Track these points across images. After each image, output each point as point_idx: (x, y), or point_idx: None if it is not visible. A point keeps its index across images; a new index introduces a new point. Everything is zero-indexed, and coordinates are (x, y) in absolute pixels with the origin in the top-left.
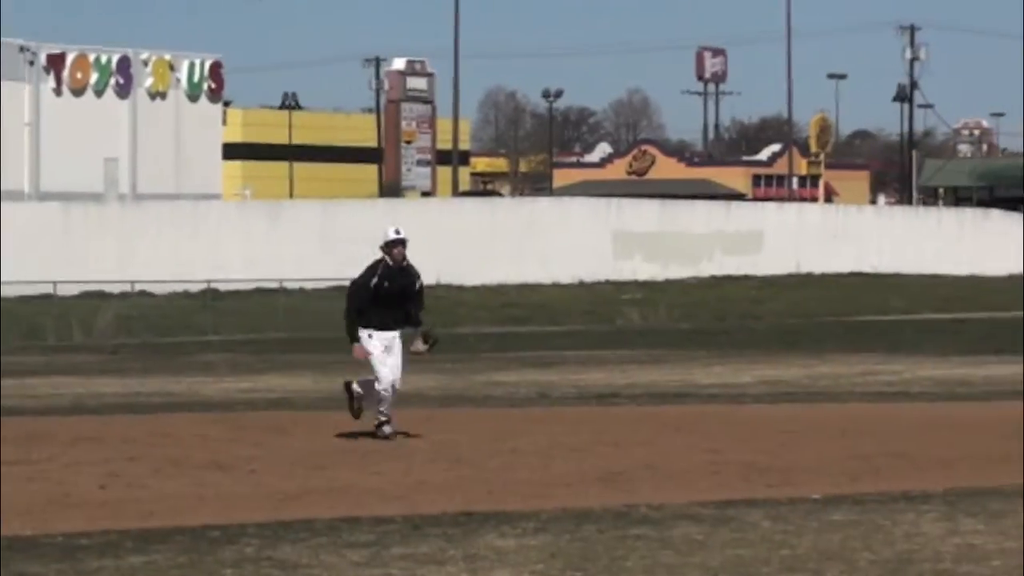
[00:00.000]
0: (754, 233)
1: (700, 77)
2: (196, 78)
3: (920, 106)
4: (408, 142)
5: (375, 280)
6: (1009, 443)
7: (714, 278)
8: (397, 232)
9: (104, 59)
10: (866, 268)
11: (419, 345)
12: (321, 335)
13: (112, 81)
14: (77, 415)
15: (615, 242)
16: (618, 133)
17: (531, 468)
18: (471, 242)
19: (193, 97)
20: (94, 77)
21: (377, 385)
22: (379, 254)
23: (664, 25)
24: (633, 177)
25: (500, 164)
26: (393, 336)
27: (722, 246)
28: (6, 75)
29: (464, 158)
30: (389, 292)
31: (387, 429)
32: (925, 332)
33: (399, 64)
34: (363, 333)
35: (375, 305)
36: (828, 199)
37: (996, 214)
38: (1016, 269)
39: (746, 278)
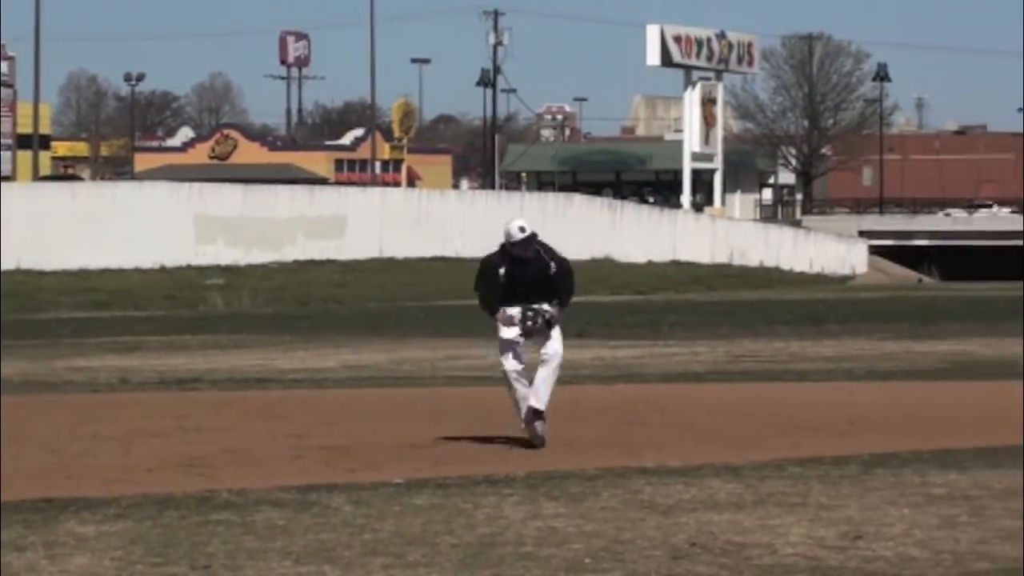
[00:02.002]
0: (337, 218)
1: (283, 61)
2: None
3: (503, 91)
4: None
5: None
6: (584, 427)
7: (297, 263)
8: (522, 229)
9: None
10: (449, 253)
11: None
12: None
13: None
14: None
15: (197, 227)
16: (201, 117)
17: (112, 454)
18: (52, 227)
19: None
20: None
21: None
22: None
23: (247, 9)
24: (216, 161)
25: (81, 148)
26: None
27: (305, 230)
28: None
29: (45, 142)
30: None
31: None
32: None
33: None
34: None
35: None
36: (411, 183)
37: (579, 199)
38: (599, 253)
39: (329, 262)
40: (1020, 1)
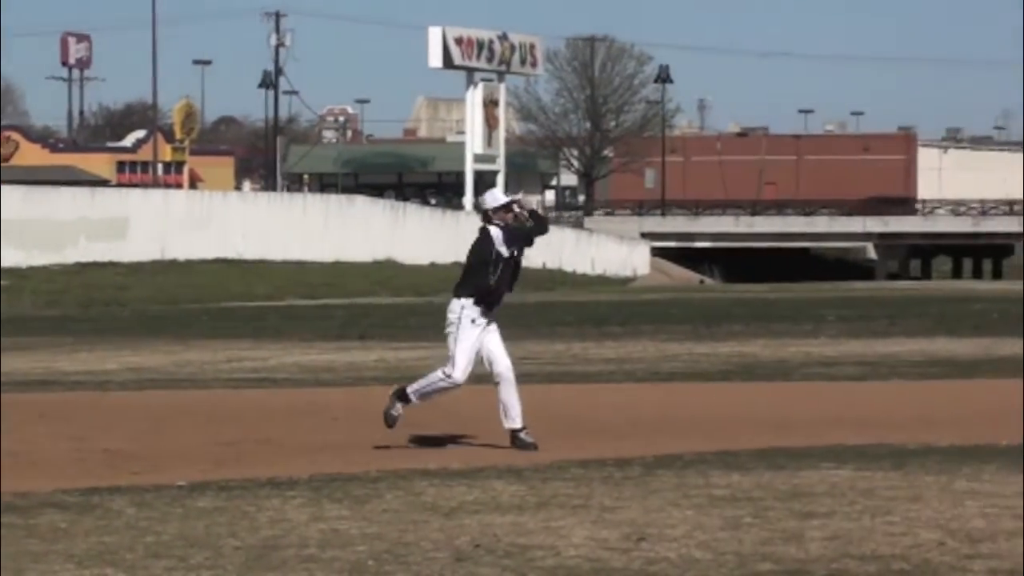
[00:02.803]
0: (119, 219)
1: (64, 63)
2: None
3: (285, 92)
4: None
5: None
6: (367, 429)
7: (79, 265)
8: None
9: None
10: (231, 254)
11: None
12: None
13: None
14: None
15: None
16: None
17: None
18: None
19: None
20: None
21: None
22: None
23: (28, 10)
24: None
25: None
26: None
27: (87, 232)
28: None
29: None
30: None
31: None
32: (290, 319)
33: None
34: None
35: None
36: (193, 185)
37: (361, 201)
38: (381, 255)
39: (112, 264)
40: (799, 4)
